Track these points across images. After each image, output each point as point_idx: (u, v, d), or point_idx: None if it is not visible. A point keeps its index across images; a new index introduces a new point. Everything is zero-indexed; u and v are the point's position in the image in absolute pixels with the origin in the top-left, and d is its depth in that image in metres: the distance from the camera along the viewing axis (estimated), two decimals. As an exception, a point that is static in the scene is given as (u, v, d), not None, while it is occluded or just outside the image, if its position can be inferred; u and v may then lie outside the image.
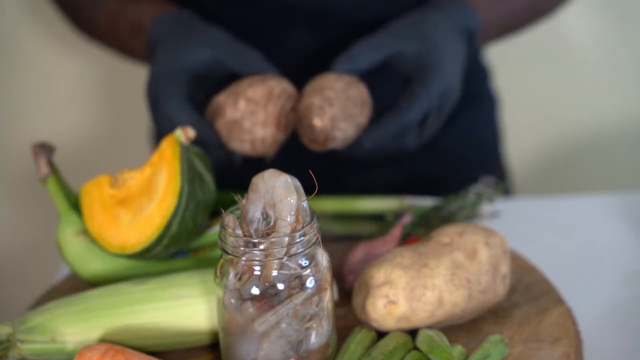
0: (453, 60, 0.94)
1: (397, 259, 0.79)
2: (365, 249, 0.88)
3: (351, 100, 0.89)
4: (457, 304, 0.79)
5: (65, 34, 1.46)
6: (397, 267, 0.78)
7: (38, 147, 0.88)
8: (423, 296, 0.78)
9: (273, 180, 0.72)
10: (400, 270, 0.78)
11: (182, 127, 0.83)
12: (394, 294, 0.78)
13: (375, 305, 0.78)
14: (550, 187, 1.60)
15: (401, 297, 0.77)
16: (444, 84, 0.92)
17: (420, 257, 0.79)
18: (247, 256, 0.71)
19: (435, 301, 0.78)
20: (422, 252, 0.80)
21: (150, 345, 0.79)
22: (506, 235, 0.98)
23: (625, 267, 0.98)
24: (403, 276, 0.78)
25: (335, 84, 0.89)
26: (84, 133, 1.54)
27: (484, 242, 0.81)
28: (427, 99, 0.90)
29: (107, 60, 1.49)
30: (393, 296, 0.78)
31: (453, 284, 0.78)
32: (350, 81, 0.91)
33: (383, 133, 0.90)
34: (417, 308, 0.78)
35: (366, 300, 0.79)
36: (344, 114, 0.88)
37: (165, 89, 0.91)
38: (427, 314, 0.78)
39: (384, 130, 0.90)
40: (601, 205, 1.10)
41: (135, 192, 0.84)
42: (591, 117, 1.57)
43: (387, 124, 0.90)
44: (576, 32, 1.48)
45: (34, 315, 0.79)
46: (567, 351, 0.77)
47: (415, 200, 1.01)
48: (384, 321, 0.78)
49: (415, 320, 0.78)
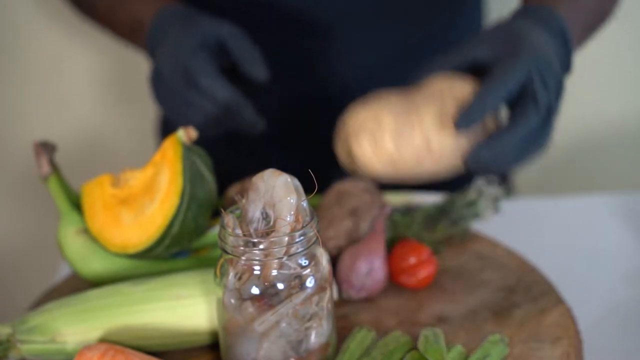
0: (540, 43, 0.85)
1: (385, 102, 0.77)
2: (350, 254, 0.87)
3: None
4: (445, 149, 0.76)
5: (69, 32, 1.46)
6: (384, 109, 0.76)
7: (40, 146, 0.88)
8: (411, 137, 0.76)
9: (273, 180, 0.72)
10: (388, 111, 0.76)
11: (184, 127, 0.83)
12: (381, 134, 0.76)
13: (362, 145, 0.76)
14: (550, 187, 1.59)
15: (388, 138, 0.75)
16: (533, 55, 0.82)
17: (405, 101, 0.77)
18: (247, 256, 0.71)
19: (423, 145, 0.76)
20: (407, 97, 0.78)
21: (150, 345, 0.79)
22: (506, 235, 0.98)
23: (625, 267, 0.98)
24: (391, 117, 0.76)
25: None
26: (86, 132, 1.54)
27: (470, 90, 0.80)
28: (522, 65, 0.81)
29: (109, 60, 1.49)
30: (380, 136, 0.76)
31: (442, 128, 0.76)
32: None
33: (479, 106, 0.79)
34: (403, 151, 0.76)
35: (352, 143, 0.76)
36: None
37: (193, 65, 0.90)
38: (414, 159, 0.76)
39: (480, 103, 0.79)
40: (601, 205, 1.10)
41: (137, 191, 0.84)
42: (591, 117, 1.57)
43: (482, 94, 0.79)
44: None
45: (34, 316, 0.79)
46: (567, 351, 0.77)
47: (419, 197, 1.01)
48: (372, 164, 0.76)
49: (403, 164, 0.76)
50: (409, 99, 0.79)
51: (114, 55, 1.47)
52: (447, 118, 0.77)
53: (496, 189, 1.00)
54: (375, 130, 0.76)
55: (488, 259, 0.92)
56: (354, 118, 0.78)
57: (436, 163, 0.77)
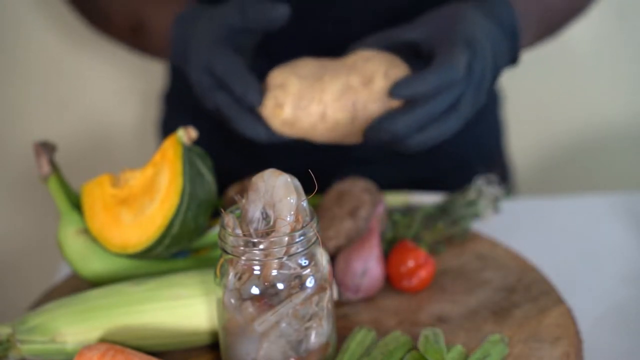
0: (479, 32, 0.87)
1: (300, 67, 0.84)
2: (344, 255, 0.87)
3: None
4: (339, 123, 0.83)
5: (69, 32, 1.46)
6: (293, 75, 0.83)
7: (40, 146, 0.88)
8: (308, 107, 0.82)
9: (273, 180, 0.72)
10: (295, 78, 0.83)
11: (184, 127, 0.83)
12: (283, 98, 0.83)
13: (266, 104, 0.84)
14: (550, 187, 1.60)
15: (288, 103, 0.83)
16: (471, 36, 0.85)
17: (319, 70, 0.84)
18: (247, 256, 0.71)
19: (318, 115, 0.82)
20: (324, 66, 0.84)
21: (150, 345, 0.79)
22: (506, 235, 0.98)
23: (625, 267, 0.98)
24: (297, 83, 0.83)
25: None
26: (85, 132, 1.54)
27: (383, 73, 0.84)
28: (468, 51, 0.83)
29: (109, 60, 1.49)
30: (282, 99, 0.83)
31: (339, 103, 0.82)
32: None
33: (423, 85, 0.82)
34: (300, 117, 0.82)
35: (266, 98, 0.84)
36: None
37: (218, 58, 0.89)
38: (309, 125, 0.83)
39: (423, 82, 0.82)
40: (601, 205, 1.10)
41: (137, 191, 0.84)
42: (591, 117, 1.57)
43: (426, 75, 0.82)
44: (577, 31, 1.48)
45: (34, 316, 0.79)
46: (567, 351, 0.77)
47: (419, 197, 1.01)
48: (271, 121, 0.84)
49: (298, 129, 0.83)
50: (322, 68, 0.85)
51: (115, 55, 1.47)
52: (350, 92, 0.83)
53: (496, 189, 1.00)
54: (279, 93, 0.84)
55: (488, 259, 0.92)
56: (271, 75, 0.85)
57: (330, 131, 0.84)
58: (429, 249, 0.93)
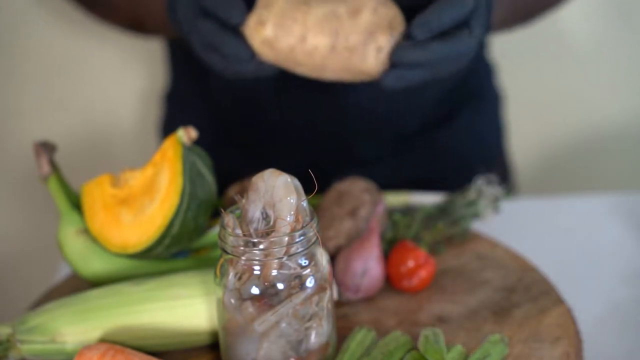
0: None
1: None
2: (344, 256, 0.87)
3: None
4: (318, 48, 0.82)
5: (69, 31, 1.46)
6: None
7: (40, 146, 0.88)
8: (290, 28, 0.82)
9: (273, 180, 0.72)
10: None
11: (184, 127, 0.84)
12: (266, 16, 0.83)
13: (249, 22, 0.83)
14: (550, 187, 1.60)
15: (270, 21, 0.82)
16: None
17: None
18: (247, 256, 0.71)
19: (298, 37, 0.82)
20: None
21: (150, 345, 0.79)
22: (506, 235, 0.98)
23: (625, 267, 0.98)
24: (281, 4, 0.82)
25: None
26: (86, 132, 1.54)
27: (372, 8, 0.84)
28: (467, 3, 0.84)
29: (109, 60, 1.49)
30: (265, 18, 0.83)
31: (321, 28, 0.82)
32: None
33: (437, 18, 0.83)
34: (280, 37, 0.82)
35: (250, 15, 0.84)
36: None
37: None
38: (287, 47, 0.82)
39: (439, 15, 0.83)
40: (601, 205, 1.10)
41: (136, 191, 0.84)
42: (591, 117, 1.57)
43: (432, 13, 0.82)
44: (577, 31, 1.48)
45: (34, 316, 0.79)
46: (567, 351, 0.77)
47: (419, 197, 1.01)
48: (252, 39, 0.83)
49: (277, 51, 0.83)
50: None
51: (115, 55, 1.47)
52: (334, 19, 0.83)
53: (496, 189, 1.00)
54: (263, 11, 0.83)
55: (488, 259, 0.92)
56: None
57: (308, 56, 0.83)
58: (429, 249, 0.93)
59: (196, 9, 0.88)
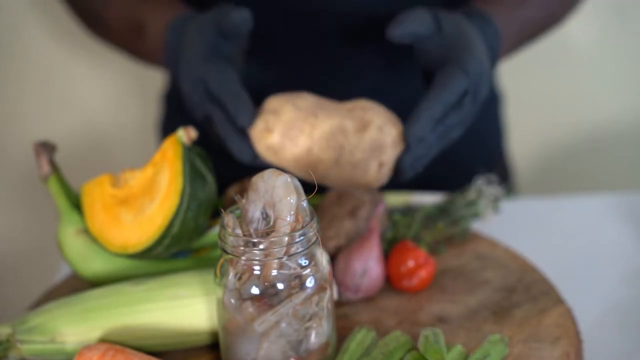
0: (483, 53, 0.89)
1: (300, 99, 0.84)
2: (344, 256, 0.87)
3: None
4: (323, 162, 0.82)
5: (69, 31, 1.46)
6: (290, 104, 0.83)
7: (40, 146, 0.88)
8: (296, 139, 0.82)
9: (273, 180, 0.72)
10: (291, 107, 0.83)
11: (185, 127, 0.84)
12: (273, 123, 0.83)
13: (257, 125, 0.83)
14: (551, 187, 1.60)
15: (278, 129, 0.82)
16: (478, 64, 0.87)
17: (317, 106, 0.84)
18: (247, 256, 0.71)
19: (304, 149, 0.82)
20: (322, 104, 0.84)
21: (150, 345, 0.79)
22: (506, 235, 0.98)
23: (625, 267, 0.98)
24: (291, 112, 0.82)
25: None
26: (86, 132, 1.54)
27: (378, 126, 0.84)
28: (465, 77, 0.85)
29: (109, 60, 1.49)
30: (272, 125, 0.83)
31: (327, 142, 0.82)
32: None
33: (428, 117, 0.83)
34: (286, 146, 0.82)
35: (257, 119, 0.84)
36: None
37: (211, 69, 0.88)
38: (292, 156, 0.82)
39: (429, 114, 0.83)
40: (601, 205, 1.10)
41: (136, 191, 0.84)
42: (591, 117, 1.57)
43: (431, 106, 0.83)
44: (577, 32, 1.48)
45: (34, 316, 0.79)
46: (567, 351, 0.77)
47: (419, 197, 1.01)
48: (257, 143, 0.84)
49: (281, 158, 0.83)
50: (320, 105, 0.85)
51: (115, 56, 1.47)
52: (340, 134, 0.83)
53: (496, 189, 1.00)
54: (271, 118, 0.83)
55: (488, 259, 0.92)
56: (268, 101, 0.85)
57: (311, 167, 0.84)
58: (429, 249, 0.93)
59: (203, 90, 0.88)
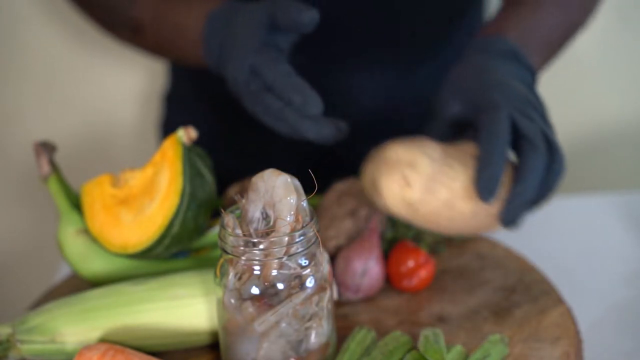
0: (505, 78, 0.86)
1: (429, 149, 0.78)
2: (344, 255, 0.87)
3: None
4: (464, 214, 0.78)
5: (69, 31, 1.46)
6: (425, 155, 0.77)
7: (40, 146, 0.88)
8: (437, 192, 0.76)
9: (273, 180, 0.72)
10: (427, 158, 0.77)
11: (185, 127, 0.84)
12: (413, 177, 0.76)
13: (391, 180, 0.76)
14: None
15: (418, 184, 0.76)
16: (506, 96, 0.83)
17: (448, 157, 0.78)
18: (247, 256, 0.71)
19: (445, 202, 0.77)
20: (451, 155, 0.79)
21: (150, 345, 0.79)
22: (506, 235, 0.98)
23: (625, 267, 0.98)
24: (429, 166, 0.77)
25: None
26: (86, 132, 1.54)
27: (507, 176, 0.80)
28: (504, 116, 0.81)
29: (109, 60, 1.49)
30: (412, 179, 0.76)
31: (467, 195, 0.77)
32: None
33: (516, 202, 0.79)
34: (427, 200, 0.76)
35: (381, 174, 0.77)
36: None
37: (264, 59, 0.87)
38: (432, 210, 0.77)
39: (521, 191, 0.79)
40: (601, 205, 1.10)
41: (136, 191, 0.84)
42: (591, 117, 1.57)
43: (490, 162, 0.78)
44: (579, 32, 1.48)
45: (34, 316, 0.79)
46: (567, 351, 0.77)
47: None
48: (392, 201, 0.76)
49: (420, 211, 0.77)
50: (448, 154, 0.80)
51: (115, 55, 1.47)
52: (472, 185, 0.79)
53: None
54: (408, 171, 0.77)
55: (488, 259, 0.92)
56: (393, 151, 0.78)
57: (450, 221, 0.79)
58: (429, 249, 0.93)
59: (258, 81, 0.86)
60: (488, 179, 0.78)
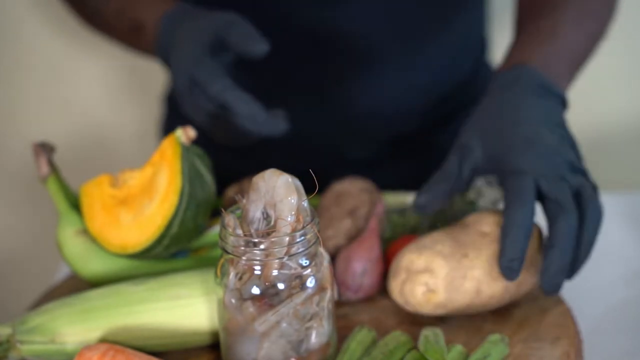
0: (529, 126, 0.84)
1: (438, 246, 0.80)
2: (344, 255, 0.87)
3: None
4: (494, 295, 0.80)
5: (69, 31, 1.46)
6: (438, 256, 0.79)
7: (39, 147, 0.88)
8: (462, 286, 0.79)
9: (274, 180, 0.72)
10: (441, 259, 0.79)
11: (183, 127, 0.83)
12: (434, 282, 0.79)
13: (414, 291, 0.79)
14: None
15: (440, 287, 0.79)
16: (530, 159, 0.81)
17: (460, 246, 0.80)
18: (248, 256, 0.71)
19: (473, 292, 0.79)
20: (462, 241, 0.81)
21: (150, 346, 0.79)
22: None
23: (625, 267, 0.98)
24: (444, 266, 0.79)
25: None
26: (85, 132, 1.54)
27: (534, 244, 0.82)
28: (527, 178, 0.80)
29: (109, 60, 1.49)
30: (433, 285, 0.79)
31: (491, 276, 0.79)
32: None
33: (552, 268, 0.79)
34: (455, 298, 0.79)
35: (404, 284, 0.80)
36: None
37: (204, 72, 0.89)
38: (465, 302, 0.80)
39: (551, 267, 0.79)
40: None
41: (136, 192, 0.84)
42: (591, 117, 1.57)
43: (514, 226, 0.78)
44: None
45: (34, 316, 0.79)
46: (567, 351, 0.77)
47: None
48: (421, 307, 0.80)
49: (452, 308, 0.80)
50: (457, 241, 0.81)
51: (115, 55, 1.47)
52: (495, 262, 0.80)
53: (496, 190, 1.00)
54: (428, 279, 0.79)
55: (488, 259, 0.92)
56: (408, 260, 0.80)
57: (485, 303, 0.81)
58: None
59: (195, 85, 0.89)
60: (510, 260, 0.78)
